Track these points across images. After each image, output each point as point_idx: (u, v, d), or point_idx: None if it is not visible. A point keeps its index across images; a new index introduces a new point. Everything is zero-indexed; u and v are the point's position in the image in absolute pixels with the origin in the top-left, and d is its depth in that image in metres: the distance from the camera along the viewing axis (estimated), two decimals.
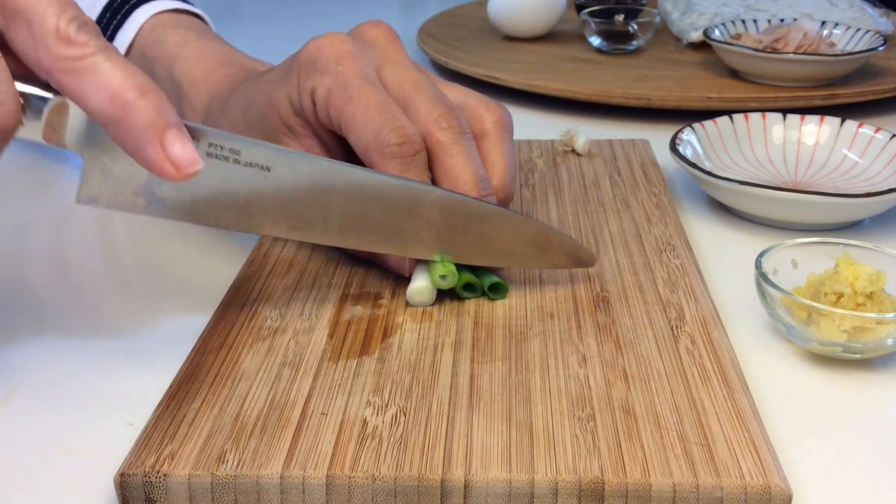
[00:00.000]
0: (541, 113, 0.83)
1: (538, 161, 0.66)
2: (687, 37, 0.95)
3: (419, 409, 0.39)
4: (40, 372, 0.45)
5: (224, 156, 0.42)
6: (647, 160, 0.66)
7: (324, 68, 0.48)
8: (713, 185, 0.58)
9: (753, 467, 0.35)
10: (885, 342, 0.43)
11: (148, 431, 0.37)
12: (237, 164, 0.43)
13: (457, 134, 0.48)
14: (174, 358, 0.43)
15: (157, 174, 0.37)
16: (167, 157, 0.37)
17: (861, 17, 0.96)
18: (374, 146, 0.46)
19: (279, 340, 0.44)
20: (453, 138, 0.47)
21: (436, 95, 0.49)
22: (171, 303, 0.51)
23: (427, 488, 0.35)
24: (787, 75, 0.81)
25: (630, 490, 0.34)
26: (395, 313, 0.46)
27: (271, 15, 1.26)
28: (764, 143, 0.67)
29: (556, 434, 0.37)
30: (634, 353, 0.42)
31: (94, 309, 0.51)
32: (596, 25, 0.94)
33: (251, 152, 0.43)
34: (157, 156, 0.37)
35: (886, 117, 0.80)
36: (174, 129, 0.37)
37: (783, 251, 0.48)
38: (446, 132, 0.47)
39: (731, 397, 0.39)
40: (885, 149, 0.63)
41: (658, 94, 0.80)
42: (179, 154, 0.37)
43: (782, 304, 0.45)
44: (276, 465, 0.35)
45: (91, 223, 0.60)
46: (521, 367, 0.41)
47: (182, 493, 0.35)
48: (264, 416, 0.38)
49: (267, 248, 0.53)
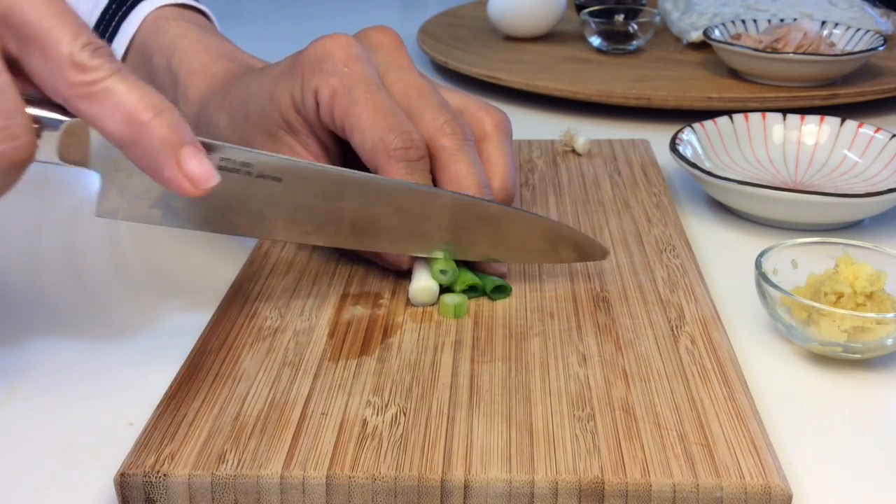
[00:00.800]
0: (541, 113, 0.83)
1: (538, 161, 0.66)
2: (687, 37, 0.95)
3: (419, 409, 0.39)
4: (40, 372, 0.45)
5: (236, 168, 0.43)
6: (647, 160, 0.66)
7: (330, 69, 0.48)
8: (713, 185, 0.58)
9: (753, 467, 0.35)
10: (885, 342, 0.43)
11: (148, 431, 0.37)
12: (249, 175, 0.43)
13: (461, 140, 0.48)
14: (174, 358, 0.43)
15: (175, 191, 0.38)
16: (184, 175, 0.37)
17: (861, 17, 0.96)
18: (380, 149, 0.47)
19: (279, 340, 0.44)
20: (457, 144, 0.48)
21: (440, 102, 0.50)
22: (172, 302, 0.51)
23: (427, 488, 0.35)
24: (787, 75, 0.81)
25: (630, 490, 0.34)
26: (395, 313, 0.46)
27: (271, 15, 1.26)
28: (764, 143, 0.67)
29: (556, 434, 0.37)
30: (634, 353, 0.42)
31: (94, 309, 0.51)
32: (596, 25, 0.94)
33: (262, 164, 0.44)
34: (174, 174, 0.37)
35: (886, 117, 0.80)
36: (189, 147, 0.38)
37: (783, 251, 0.48)
38: (451, 138, 0.48)
39: (731, 397, 0.39)
40: (885, 149, 0.63)
41: (658, 94, 0.80)
42: (196, 170, 0.37)
43: (782, 304, 0.45)
44: (276, 465, 0.35)
45: (94, 226, 0.60)
46: (521, 367, 0.41)
47: (182, 493, 0.35)
48: (264, 416, 0.38)
49: (267, 248, 0.53)
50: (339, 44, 0.49)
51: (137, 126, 0.36)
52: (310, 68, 0.49)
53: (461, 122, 0.49)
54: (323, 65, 0.48)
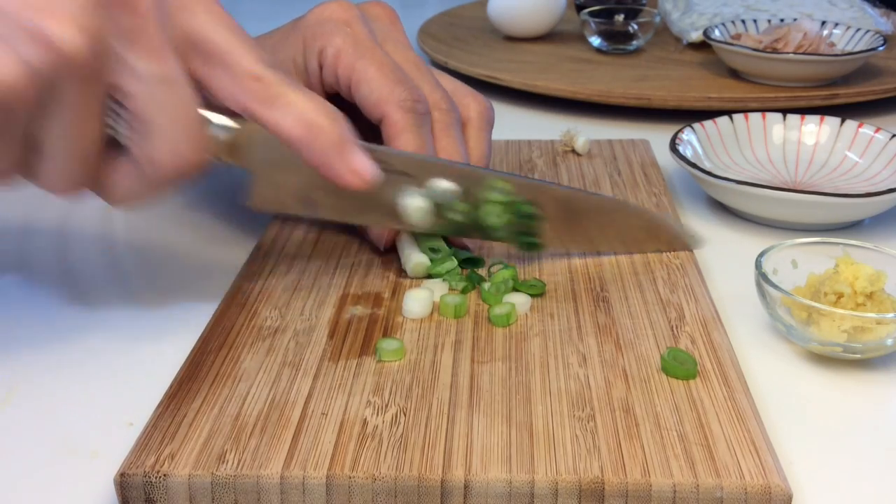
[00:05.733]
0: (541, 113, 0.83)
1: (538, 161, 0.66)
2: (687, 37, 0.95)
3: (419, 409, 0.39)
4: (40, 372, 0.45)
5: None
6: (647, 160, 0.66)
7: (333, 30, 0.50)
8: (713, 185, 0.58)
9: (753, 467, 0.35)
10: (885, 342, 0.43)
11: (148, 431, 0.37)
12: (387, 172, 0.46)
13: (452, 118, 0.51)
14: (174, 358, 0.43)
15: (342, 184, 0.43)
16: (351, 170, 0.43)
17: (861, 17, 0.96)
18: (390, 99, 0.49)
19: (279, 340, 0.44)
20: (449, 121, 0.50)
21: (435, 80, 0.52)
22: (172, 302, 0.51)
23: (427, 488, 0.35)
24: (787, 75, 0.81)
25: (630, 490, 0.34)
26: (395, 313, 0.46)
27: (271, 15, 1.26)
28: (764, 143, 0.67)
29: (557, 434, 0.37)
30: (634, 353, 0.42)
31: (94, 309, 0.51)
32: (596, 25, 0.94)
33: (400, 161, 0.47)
34: (343, 169, 0.43)
35: (886, 117, 0.80)
36: (356, 146, 0.43)
37: (783, 251, 0.48)
38: (445, 114, 0.50)
39: (731, 397, 0.39)
40: (885, 149, 0.63)
41: (658, 94, 0.80)
42: (362, 166, 0.43)
43: (782, 304, 0.45)
44: (276, 465, 0.35)
45: (92, 225, 0.60)
46: (521, 367, 0.41)
47: (182, 493, 0.35)
48: (264, 416, 0.38)
49: (267, 248, 0.53)
50: (339, 6, 0.51)
51: (313, 127, 0.42)
52: (311, 32, 0.51)
53: (453, 101, 0.51)
54: (325, 27, 0.50)
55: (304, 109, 0.42)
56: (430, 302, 0.46)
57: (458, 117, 0.51)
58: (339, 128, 0.42)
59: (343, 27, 0.50)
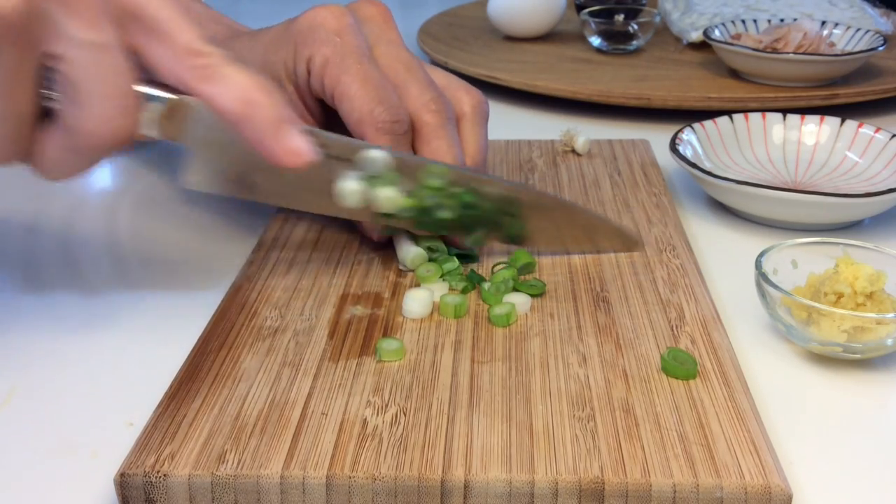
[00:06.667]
0: (541, 113, 0.83)
1: (538, 161, 0.66)
2: (687, 37, 0.95)
3: (419, 409, 0.39)
4: (40, 371, 0.45)
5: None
6: (647, 160, 0.66)
7: (323, 38, 0.50)
8: (713, 185, 0.58)
9: (753, 467, 0.35)
10: (885, 342, 0.43)
11: (148, 431, 0.37)
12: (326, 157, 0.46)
13: (444, 119, 0.51)
14: (174, 358, 0.43)
15: (278, 163, 0.42)
16: (288, 149, 0.42)
17: (861, 17, 0.96)
18: (368, 120, 0.49)
19: (279, 340, 0.44)
20: (440, 122, 0.51)
21: (426, 79, 0.52)
22: (172, 302, 0.51)
23: (427, 488, 0.35)
24: (787, 75, 0.81)
25: (630, 490, 0.34)
26: (395, 313, 0.46)
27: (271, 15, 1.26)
28: (764, 143, 0.67)
29: (557, 434, 0.37)
30: (634, 353, 0.42)
31: (94, 309, 0.51)
32: (596, 25, 0.94)
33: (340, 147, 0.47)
34: (280, 147, 0.41)
35: (886, 117, 0.80)
36: (293, 125, 0.42)
37: (783, 251, 0.48)
38: (434, 115, 0.50)
39: (731, 397, 0.39)
40: (885, 149, 0.63)
41: (658, 94, 0.80)
42: (299, 146, 0.42)
43: (782, 304, 0.45)
44: (277, 465, 0.35)
45: (94, 225, 0.61)
46: (521, 367, 0.41)
47: (182, 493, 0.35)
48: (264, 416, 0.38)
49: (267, 247, 0.53)
50: (331, 13, 0.51)
51: (251, 104, 0.41)
52: (302, 38, 0.51)
53: (445, 100, 0.51)
54: (316, 34, 0.50)
55: (242, 85, 0.41)
56: (430, 302, 0.46)
57: (450, 115, 0.51)
58: (277, 105, 0.41)
59: (333, 37, 0.50)
